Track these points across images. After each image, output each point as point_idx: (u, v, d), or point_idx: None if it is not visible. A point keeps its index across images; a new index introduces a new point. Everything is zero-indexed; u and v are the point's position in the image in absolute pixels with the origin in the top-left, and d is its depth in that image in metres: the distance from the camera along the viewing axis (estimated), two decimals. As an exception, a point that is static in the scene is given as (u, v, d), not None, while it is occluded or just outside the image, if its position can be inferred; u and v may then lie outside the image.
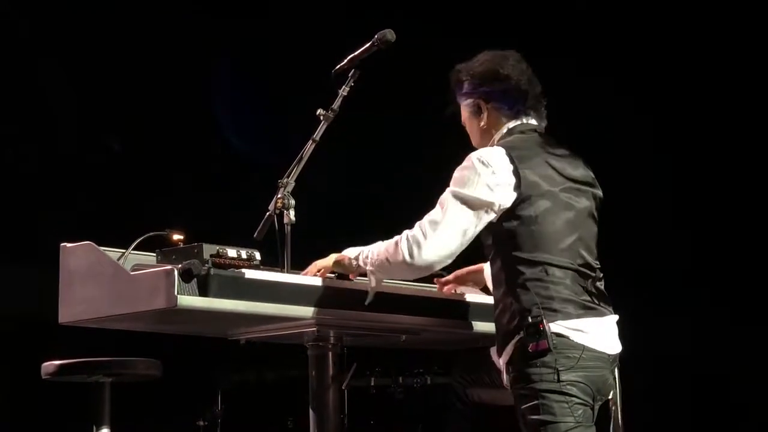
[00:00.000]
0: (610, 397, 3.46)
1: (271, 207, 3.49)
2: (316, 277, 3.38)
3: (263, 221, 3.48)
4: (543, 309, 3.29)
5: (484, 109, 3.58)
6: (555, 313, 3.29)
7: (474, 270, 3.92)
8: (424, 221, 3.36)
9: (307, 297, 3.29)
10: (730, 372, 5.92)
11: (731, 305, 5.97)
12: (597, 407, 3.36)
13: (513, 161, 3.37)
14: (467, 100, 3.61)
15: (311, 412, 3.56)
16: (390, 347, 4.14)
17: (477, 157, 3.39)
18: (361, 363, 4.00)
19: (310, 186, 3.64)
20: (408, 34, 3.79)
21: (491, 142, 3.55)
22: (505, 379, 3.38)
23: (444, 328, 3.70)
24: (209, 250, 3.21)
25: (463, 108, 3.65)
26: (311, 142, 3.60)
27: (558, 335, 3.27)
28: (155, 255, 3.35)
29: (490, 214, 3.36)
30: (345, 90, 3.64)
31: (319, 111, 3.62)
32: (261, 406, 6.49)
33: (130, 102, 6.72)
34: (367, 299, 3.42)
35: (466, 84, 3.61)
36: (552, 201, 3.40)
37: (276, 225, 3.48)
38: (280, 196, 3.50)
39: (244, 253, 3.29)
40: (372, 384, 5.68)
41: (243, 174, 6.70)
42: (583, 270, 3.41)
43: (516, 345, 3.32)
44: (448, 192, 3.38)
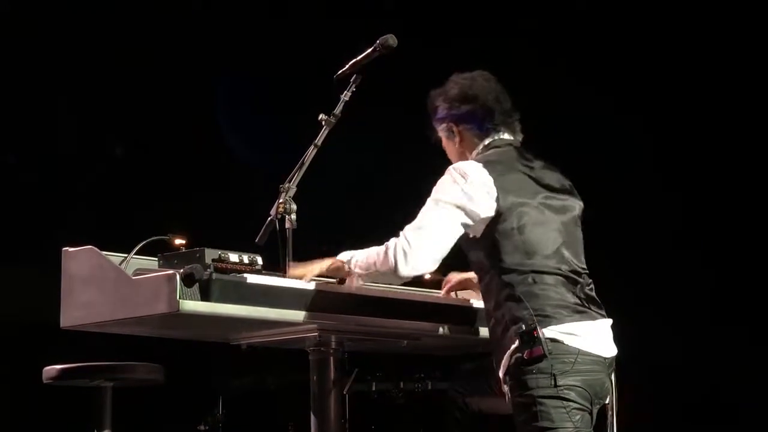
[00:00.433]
0: (607, 402, 3.46)
1: (273, 212, 3.49)
2: (317, 282, 3.38)
3: (265, 226, 3.48)
4: (536, 316, 3.30)
5: (456, 132, 3.65)
6: (548, 319, 3.30)
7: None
8: (407, 230, 3.39)
9: (309, 302, 3.29)
10: (727, 377, 5.93)
11: (730, 311, 5.98)
12: (595, 411, 3.37)
13: (490, 173, 3.42)
14: (441, 124, 3.70)
15: (312, 416, 3.56)
16: (391, 352, 4.14)
17: (454, 168, 3.47)
18: (363, 368, 4.01)
19: (311, 189, 3.64)
20: (407, 34, 3.80)
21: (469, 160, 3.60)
22: (505, 390, 3.38)
23: (445, 333, 3.70)
24: (211, 254, 3.21)
25: (440, 132, 3.73)
26: (313, 147, 3.59)
27: (552, 340, 3.28)
28: (157, 260, 3.35)
29: (469, 219, 3.40)
30: (347, 95, 3.64)
31: (321, 116, 3.63)
32: (262, 410, 6.49)
33: (132, 106, 6.73)
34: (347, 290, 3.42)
35: (439, 109, 3.70)
36: (532, 210, 3.43)
37: (278, 230, 3.48)
38: (281, 200, 3.50)
39: (246, 258, 3.29)
40: (373, 389, 5.69)
41: (245, 179, 6.70)
42: (572, 276, 3.42)
43: (512, 355, 3.33)
44: (428, 201, 3.43)
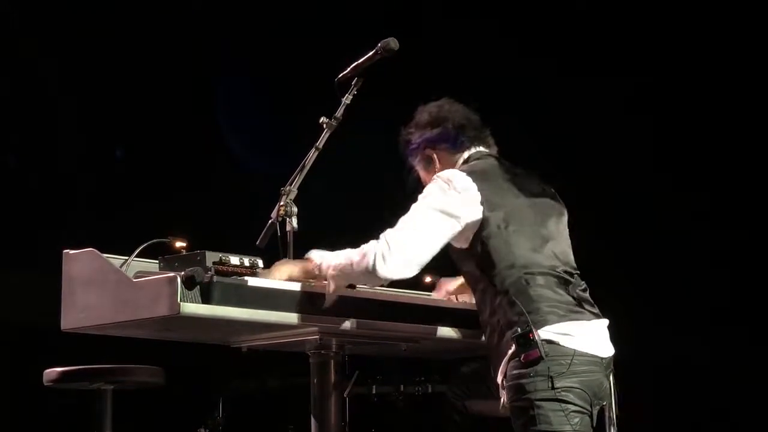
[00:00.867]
0: (606, 403, 3.44)
1: (274, 214, 3.49)
2: (318, 285, 3.38)
3: (266, 229, 3.48)
4: (530, 317, 3.30)
5: (432, 157, 3.66)
6: (542, 320, 3.31)
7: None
8: (388, 233, 3.35)
9: (310, 305, 3.28)
10: (728, 378, 5.93)
11: (731, 311, 5.98)
12: (595, 412, 3.35)
13: (474, 180, 3.42)
14: (417, 155, 3.70)
15: (312, 419, 3.56)
16: (391, 356, 4.14)
17: (439, 176, 3.47)
18: (363, 371, 4.01)
19: (311, 192, 3.65)
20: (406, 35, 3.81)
21: None
22: (503, 395, 3.37)
23: (445, 336, 3.70)
24: (212, 257, 3.22)
25: (417, 166, 3.72)
26: (314, 150, 3.59)
27: (548, 342, 3.28)
28: (158, 262, 3.36)
29: (455, 225, 3.39)
30: (348, 98, 3.64)
31: (322, 119, 3.63)
32: (262, 413, 6.48)
33: (132, 109, 6.73)
34: (326, 303, 3.33)
35: (412, 140, 3.70)
36: (518, 214, 3.44)
37: (278, 232, 3.48)
38: (282, 203, 3.50)
39: (246, 261, 3.30)
40: (373, 392, 5.68)
41: (246, 181, 6.70)
42: (564, 276, 3.43)
43: (509, 360, 3.32)
44: (413, 206, 3.42)
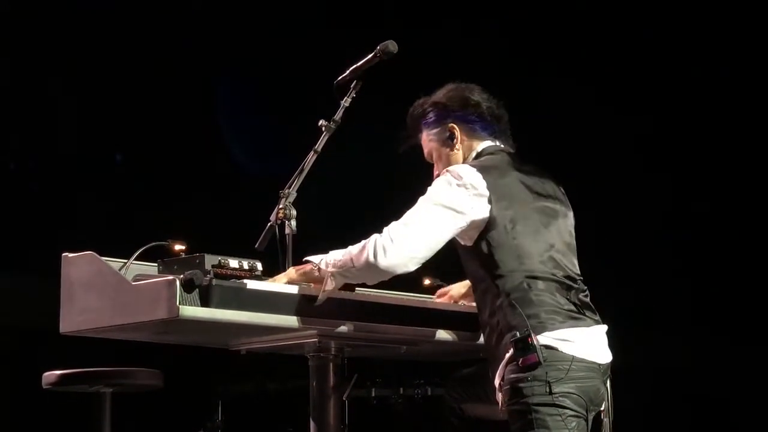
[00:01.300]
0: (602, 408, 3.44)
1: (273, 217, 3.49)
2: (317, 288, 3.38)
3: (265, 232, 3.48)
4: (530, 322, 3.28)
5: (457, 133, 3.58)
6: (542, 325, 3.29)
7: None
8: (392, 225, 3.34)
9: (309, 308, 3.29)
10: (720, 384, 5.94)
11: (723, 321, 5.99)
12: (591, 418, 3.35)
13: (485, 177, 3.38)
14: (435, 128, 3.61)
15: (312, 422, 3.56)
16: (391, 358, 4.14)
17: (449, 171, 3.42)
18: (362, 374, 4.01)
19: (312, 195, 3.65)
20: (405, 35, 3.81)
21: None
22: (500, 398, 3.37)
23: (444, 339, 3.70)
24: (211, 260, 3.21)
25: (430, 138, 3.64)
26: (313, 152, 3.59)
27: (547, 347, 3.26)
28: (157, 265, 3.35)
29: (460, 221, 3.35)
30: (347, 101, 3.64)
31: (321, 122, 3.62)
32: (261, 416, 6.48)
33: (132, 112, 6.73)
34: (318, 300, 3.32)
35: (431, 114, 3.62)
36: (526, 216, 3.41)
37: (277, 235, 3.48)
38: (281, 206, 3.50)
39: (245, 264, 3.29)
40: (373, 395, 5.69)
41: (245, 184, 6.71)
42: (566, 281, 3.41)
43: (507, 363, 3.31)
44: (420, 199, 3.39)
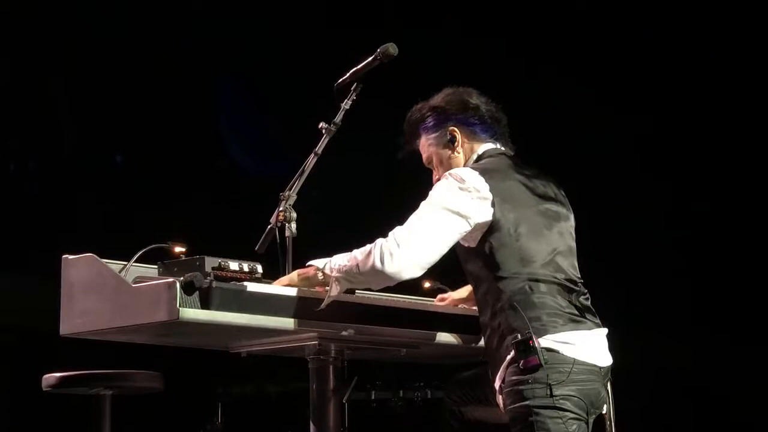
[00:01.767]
0: (603, 412, 3.44)
1: (273, 220, 3.49)
2: (317, 291, 3.38)
3: (265, 234, 3.47)
4: (531, 324, 3.28)
5: (457, 136, 3.59)
6: (543, 328, 3.29)
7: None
8: (397, 230, 3.33)
9: (309, 310, 3.28)
10: (721, 386, 5.94)
11: (723, 321, 5.99)
12: (591, 421, 3.34)
13: (487, 180, 3.38)
14: (435, 132, 3.62)
15: (312, 425, 3.55)
16: (390, 361, 4.14)
17: (450, 174, 3.42)
18: (362, 376, 4.01)
19: (312, 197, 3.65)
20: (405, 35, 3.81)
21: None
22: (500, 401, 3.36)
23: (444, 342, 3.70)
24: (211, 262, 3.21)
25: (430, 142, 3.64)
26: (313, 155, 3.59)
27: (548, 350, 3.26)
28: (157, 267, 3.35)
29: (465, 225, 3.35)
30: (347, 103, 3.63)
31: (322, 124, 3.63)
32: (261, 418, 6.48)
33: (132, 113, 6.73)
34: (322, 305, 3.31)
35: (430, 118, 3.63)
36: (528, 218, 3.41)
37: (278, 238, 3.48)
38: (281, 209, 3.49)
39: (246, 266, 3.29)
40: (372, 397, 5.69)
41: (245, 186, 6.71)
42: (567, 284, 3.41)
43: (508, 365, 3.31)
44: (423, 204, 3.39)
